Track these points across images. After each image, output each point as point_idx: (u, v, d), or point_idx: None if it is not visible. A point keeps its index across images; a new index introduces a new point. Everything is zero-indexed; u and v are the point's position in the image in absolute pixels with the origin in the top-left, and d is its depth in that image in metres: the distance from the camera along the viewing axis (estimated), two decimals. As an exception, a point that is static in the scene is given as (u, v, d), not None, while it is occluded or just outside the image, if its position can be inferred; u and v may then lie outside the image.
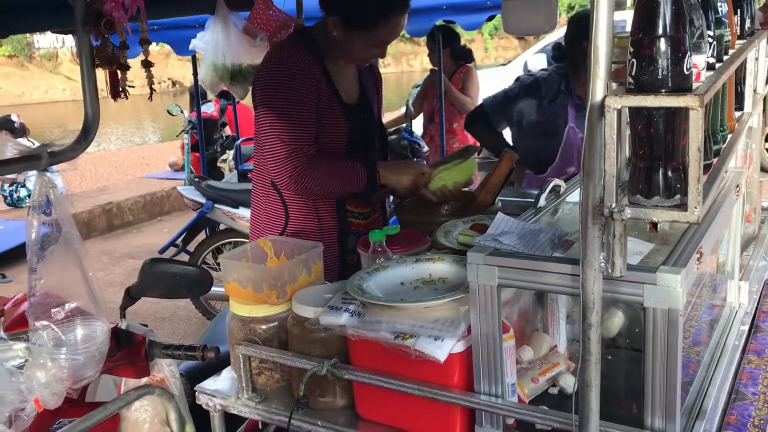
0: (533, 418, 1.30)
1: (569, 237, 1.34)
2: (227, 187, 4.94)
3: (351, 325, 1.44)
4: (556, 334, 1.57)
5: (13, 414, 1.52)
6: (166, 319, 5.05)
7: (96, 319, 1.58)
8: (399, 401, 1.46)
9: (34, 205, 1.49)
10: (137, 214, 8.17)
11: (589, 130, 1.02)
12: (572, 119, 2.99)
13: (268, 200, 2.28)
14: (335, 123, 2.19)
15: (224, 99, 7.58)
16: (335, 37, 2.14)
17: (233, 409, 1.67)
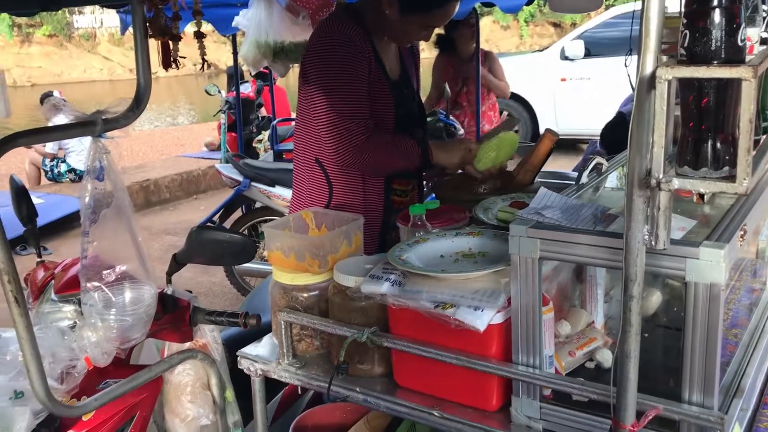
0: (570, 389, 1.32)
1: (612, 211, 1.35)
2: (264, 166, 5.00)
3: (391, 294, 1.47)
4: (593, 310, 1.58)
5: (64, 371, 1.58)
6: (201, 294, 5.13)
7: (144, 283, 1.63)
8: (436, 370, 1.49)
9: (88, 171, 1.53)
10: (174, 191, 8.30)
11: (638, 102, 1.03)
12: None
13: (312, 177, 2.30)
14: (383, 98, 2.21)
15: (261, 80, 7.64)
16: (387, 16, 2.15)
17: (274, 374, 1.71)
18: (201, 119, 15.73)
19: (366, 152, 2.12)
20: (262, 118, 7.94)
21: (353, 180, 2.25)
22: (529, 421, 1.39)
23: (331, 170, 2.25)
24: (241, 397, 1.94)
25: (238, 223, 5.04)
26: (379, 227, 2.29)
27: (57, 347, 1.58)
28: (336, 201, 2.27)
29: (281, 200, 4.71)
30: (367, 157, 2.13)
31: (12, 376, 1.56)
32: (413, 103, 2.42)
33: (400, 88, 2.31)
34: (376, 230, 2.28)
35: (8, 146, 1.30)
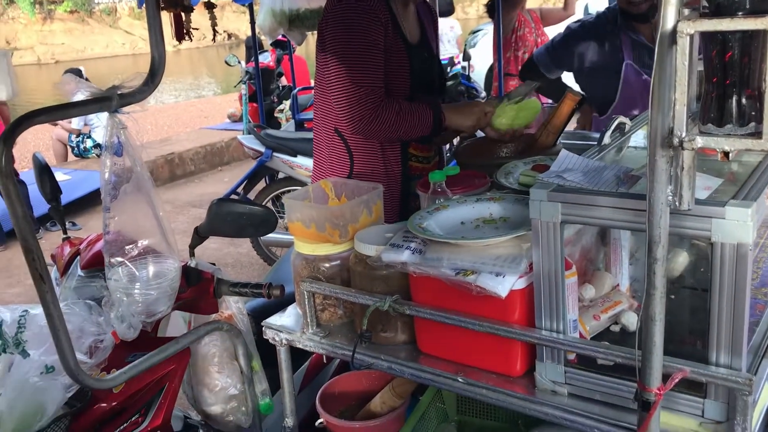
0: (595, 353, 1.31)
1: (635, 172, 1.32)
2: (286, 136, 4.99)
3: (412, 262, 1.46)
4: (618, 273, 1.56)
5: (93, 345, 1.61)
6: (228, 265, 5.19)
7: (167, 257, 1.64)
8: (459, 336, 1.48)
9: (106, 146, 1.54)
10: (198, 164, 8.35)
11: (659, 58, 0.99)
12: (629, 56, 2.93)
13: (332, 147, 2.29)
14: (400, 63, 2.18)
15: (280, 49, 7.60)
16: None
17: (299, 344, 1.72)
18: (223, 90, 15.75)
19: (377, 120, 2.10)
20: (282, 87, 7.92)
21: (372, 148, 2.23)
22: (553, 385, 1.39)
23: (351, 139, 2.23)
24: (268, 366, 1.96)
25: (262, 194, 5.07)
26: (399, 195, 2.28)
27: (84, 322, 1.60)
28: (357, 170, 2.26)
29: (303, 170, 4.71)
30: (377, 125, 2.11)
31: (42, 351, 1.58)
32: (433, 66, 2.38)
33: (420, 51, 2.28)
34: (396, 198, 2.27)
35: (25, 125, 1.30)
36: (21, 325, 1.58)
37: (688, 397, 1.25)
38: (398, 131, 2.16)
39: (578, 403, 1.36)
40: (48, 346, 1.59)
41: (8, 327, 1.57)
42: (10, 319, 1.59)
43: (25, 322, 1.59)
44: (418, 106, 2.17)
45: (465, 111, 2.25)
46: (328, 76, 2.15)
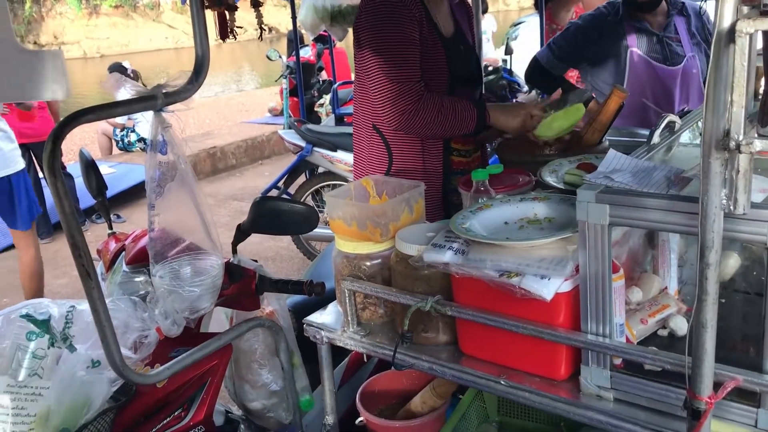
0: (643, 359, 1.28)
1: (686, 174, 1.28)
2: (326, 131, 5.01)
3: (455, 263, 1.44)
4: (666, 275, 1.52)
5: (137, 340, 1.63)
6: (269, 258, 5.23)
7: (210, 254, 1.65)
8: (502, 339, 1.46)
9: (151, 145, 1.55)
10: (239, 158, 8.44)
11: (714, 58, 0.96)
12: (633, 43, 2.90)
13: (371, 143, 2.28)
14: (437, 58, 2.16)
15: (321, 43, 7.63)
16: None
17: (339, 342, 1.72)
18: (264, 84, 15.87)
19: (417, 117, 2.08)
20: (322, 81, 7.94)
21: (411, 144, 2.22)
22: (599, 390, 1.36)
23: (389, 136, 2.22)
24: (309, 362, 1.97)
25: (302, 189, 5.09)
26: (440, 190, 2.26)
27: (129, 318, 1.62)
28: (396, 166, 2.25)
29: (343, 165, 4.72)
30: (418, 121, 2.09)
31: (89, 345, 1.61)
32: (470, 59, 2.36)
33: (455, 45, 2.25)
34: (438, 194, 2.25)
35: (73, 123, 1.32)
36: (68, 320, 1.61)
37: (740, 406, 1.21)
38: (440, 127, 2.13)
39: (624, 408, 1.33)
40: (94, 341, 1.62)
41: (56, 322, 1.60)
42: (58, 314, 1.62)
43: (72, 317, 1.62)
44: (462, 102, 2.15)
45: (511, 111, 2.21)
46: (366, 73, 2.15)
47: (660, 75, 2.96)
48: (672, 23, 2.97)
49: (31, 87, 1.20)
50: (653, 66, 2.94)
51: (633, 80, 2.96)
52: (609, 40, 2.98)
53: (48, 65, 1.19)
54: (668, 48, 2.96)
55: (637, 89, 2.94)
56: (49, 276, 5.39)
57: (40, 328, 1.58)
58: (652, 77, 2.96)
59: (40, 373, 1.57)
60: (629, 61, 2.93)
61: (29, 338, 1.57)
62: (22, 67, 1.16)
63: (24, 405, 1.53)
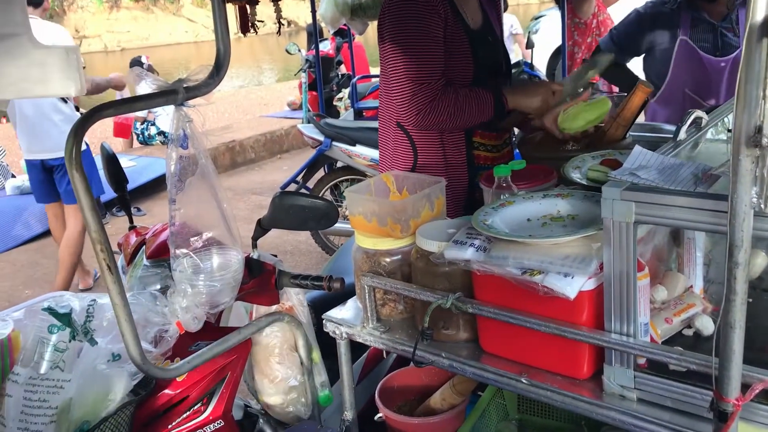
0: (668, 359, 1.26)
1: (714, 171, 1.26)
2: (345, 125, 5.00)
3: (476, 260, 1.43)
4: (692, 274, 1.49)
5: (158, 334, 1.64)
6: (287, 252, 5.24)
7: (231, 249, 1.65)
8: (524, 337, 1.44)
9: (172, 139, 1.55)
10: (258, 151, 8.46)
11: (746, 53, 0.94)
12: (685, 32, 2.84)
13: (396, 139, 2.27)
14: (462, 51, 2.14)
15: (340, 37, 7.61)
16: None
17: (359, 338, 1.71)
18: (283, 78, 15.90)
19: (433, 113, 2.07)
20: (341, 75, 7.93)
21: (434, 140, 2.20)
22: (622, 390, 1.34)
23: (413, 132, 2.21)
24: (328, 357, 1.97)
25: (321, 183, 5.09)
26: (465, 185, 2.24)
27: (150, 312, 1.62)
28: (421, 162, 2.23)
29: (362, 159, 4.71)
30: (434, 117, 2.08)
31: (109, 339, 1.62)
32: (498, 50, 2.33)
33: (483, 36, 2.23)
34: (463, 189, 2.23)
35: (94, 118, 1.32)
36: (89, 314, 1.62)
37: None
38: (457, 120, 2.12)
39: (648, 409, 1.31)
40: (115, 335, 1.62)
41: (77, 315, 1.61)
42: (79, 308, 1.63)
43: (93, 311, 1.63)
44: (478, 92, 2.12)
45: (530, 91, 2.18)
46: (388, 69, 2.13)
47: (706, 65, 2.90)
48: (734, 14, 2.89)
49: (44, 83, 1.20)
50: (700, 56, 2.89)
51: (678, 69, 2.92)
52: (663, 28, 2.94)
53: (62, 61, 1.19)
54: (721, 38, 2.90)
55: (681, 78, 2.90)
56: (70, 268, 5.43)
57: (61, 321, 1.59)
58: (696, 67, 2.91)
59: (62, 366, 1.57)
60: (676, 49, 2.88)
61: (51, 331, 1.58)
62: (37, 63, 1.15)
63: (46, 397, 1.55)
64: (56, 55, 1.13)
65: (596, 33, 4.97)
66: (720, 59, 2.89)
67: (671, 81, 3.00)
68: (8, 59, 1.10)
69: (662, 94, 3.03)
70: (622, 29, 3.13)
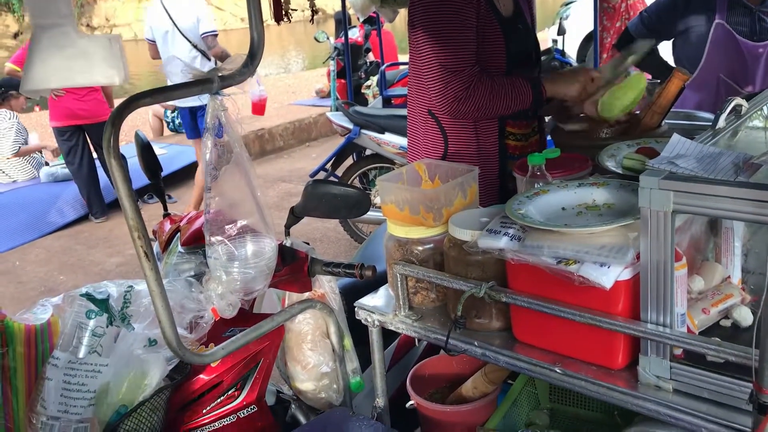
0: (705, 350, 1.24)
1: (755, 160, 1.23)
2: (373, 113, 4.99)
3: (510, 249, 1.42)
4: (729, 264, 1.47)
5: (193, 321, 1.66)
6: (317, 240, 5.27)
7: (264, 236, 1.67)
8: (558, 326, 1.44)
9: (207, 128, 1.56)
10: (287, 140, 8.49)
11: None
12: (722, 16, 2.77)
13: (426, 128, 2.26)
14: (494, 39, 2.12)
15: (368, 24, 7.59)
16: None
17: (391, 326, 1.72)
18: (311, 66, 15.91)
19: (469, 101, 2.05)
20: (370, 63, 7.91)
21: (466, 129, 2.19)
22: (657, 380, 1.33)
23: (444, 120, 2.19)
24: (359, 344, 1.98)
25: (350, 171, 5.09)
26: (496, 174, 2.23)
27: (185, 299, 1.64)
28: (452, 150, 2.22)
29: (391, 147, 4.70)
30: (470, 106, 2.06)
31: (146, 325, 1.64)
32: (529, 39, 2.31)
33: (514, 24, 2.21)
34: (494, 177, 2.22)
35: (132, 106, 1.33)
36: (126, 300, 1.65)
37: (809, 401, 1.17)
38: (493, 109, 2.10)
39: (684, 400, 1.30)
40: (151, 320, 1.65)
41: (115, 301, 1.64)
42: (117, 294, 1.65)
43: (131, 297, 1.65)
44: (515, 81, 2.11)
45: (568, 78, 2.16)
46: (420, 56, 2.12)
47: (743, 50, 2.83)
48: None
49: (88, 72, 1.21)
50: (736, 40, 2.82)
51: (713, 53, 2.85)
52: (698, 10, 2.87)
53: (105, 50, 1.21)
54: (760, 23, 2.82)
55: (716, 63, 2.84)
56: (102, 254, 5.55)
57: (99, 307, 1.61)
58: (733, 51, 2.84)
59: (99, 351, 1.60)
60: (712, 32, 2.81)
61: (89, 317, 1.61)
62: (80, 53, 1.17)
63: (84, 381, 1.58)
64: (99, 45, 1.15)
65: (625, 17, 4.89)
66: (758, 44, 2.82)
67: (705, 66, 2.94)
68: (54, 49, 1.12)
69: (695, 79, 2.97)
70: (654, 11, 3.06)
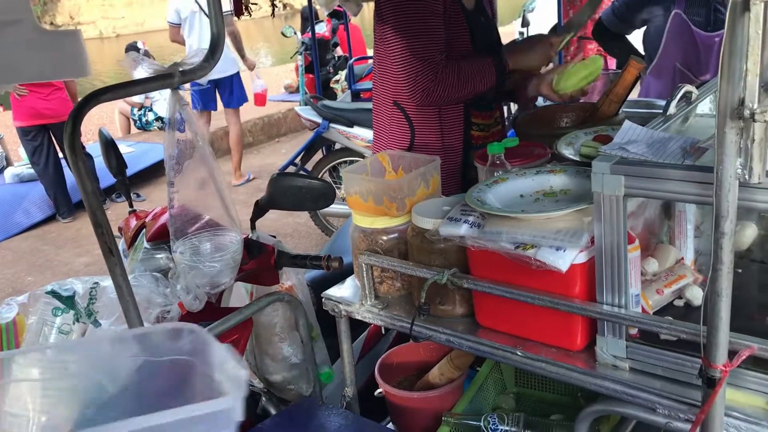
0: (658, 329, 1.29)
1: (702, 144, 1.28)
2: (342, 107, 5.00)
3: (470, 236, 1.46)
4: (683, 246, 1.52)
5: (160, 315, 1.66)
6: (287, 235, 5.27)
7: (229, 230, 1.68)
8: (518, 310, 1.48)
9: (169, 122, 1.57)
10: (256, 135, 8.45)
11: (729, 26, 0.96)
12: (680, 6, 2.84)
13: (392, 119, 2.27)
14: (460, 30, 2.15)
15: (336, 19, 7.59)
16: None
17: (357, 315, 1.74)
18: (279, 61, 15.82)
19: (438, 87, 2.07)
20: (338, 57, 7.91)
21: (432, 119, 2.21)
22: (614, 360, 1.37)
23: (411, 111, 2.21)
24: (328, 336, 2.00)
25: (319, 165, 5.10)
26: (460, 164, 2.26)
27: (152, 294, 1.65)
28: (418, 141, 2.25)
29: (360, 141, 4.72)
30: (440, 92, 2.08)
31: (113, 321, 1.65)
32: (491, 30, 2.35)
33: (477, 17, 2.24)
34: (457, 168, 2.25)
35: (92, 103, 1.34)
36: (92, 296, 1.65)
37: (755, 374, 1.22)
38: (463, 91, 2.12)
39: (640, 378, 1.34)
40: (118, 316, 1.65)
41: (80, 298, 1.64)
42: (82, 291, 1.65)
43: (96, 294, 1.65)
44: (477, 59, 2.14)
45: (528, 48, 2.22)
46: (387, 48, 2.14)
47: (697, 40, 2.90)
48: None
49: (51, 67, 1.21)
50: (692, 30, 2.89)
51: (670, 43, 2.92)
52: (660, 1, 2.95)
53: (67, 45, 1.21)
54: (714, 13, 2.90)
55: (673, 53, 2.90)
56: (71, 254, 5.49)
57: (65, 304, 1.61)
58: (688, 41, 2.91)
59: (67, 348, 1.60)
60: (670, 22, 2.89)
61: (55, 314, 1.61)
62: (42, 48, 1.17)
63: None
64: (61, 40, 1.15)
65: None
66: (712, 34, 2.89)
67: (663, 55, 3.01)
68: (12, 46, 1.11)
69: (654, 67, 3.05)
70: (622, 1, 3.13)
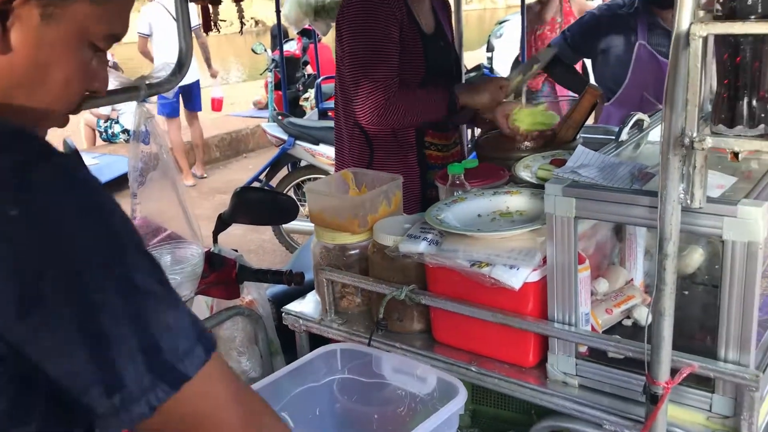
0: (605, 347, 1.33)
1: (649, 170, 1.34)
2: (308, 124, 5.04)
3: (429, 253, 1.49)
4: (633, 267, 1.58)
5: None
6: (251, 251, 5.25)
7: (190, 243, 1.69)
8: (474, 327, 1.51)
9: (134, 135, 1.58)
10: (223, 150, 8.42)
11: (673, 58, 1.01)
12: (643, 37, 2.94)
13: (352, 137, 2.31)
14: (415, 52, 2.20)
15: (306, 37, 7.63)
16: None
17: (317, 330, 1.76)
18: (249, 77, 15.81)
19: (387, 111, 2.12)
20: (308, 75, 7.95)
21: (388, 139, 2.26)
22: (565, 377, 1.41)
23: (370, 131, 2.26)
24: (288, 351, 2.01)
25: (284, 182, 5.11)
26: (418, 184, 2.31)
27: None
28: (377, 159, 2.29)
29: (325, 158, 4.76)
30: (389, 116, 2.13)
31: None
32: (449, 54, 2.41)
33: (435, 41, 2.30)
34: (416, 188, 2.30)
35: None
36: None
37: (696, 391, 1.27)
38: (412, 118, 2.19)
39: (588, 394, 1.39)
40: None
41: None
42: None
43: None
44: (431, 90, 2.20)
45: (478, 88, 2.27)
46: (345, 69, 2.19)
47: (663, 69, 2.99)
48: None
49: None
50: (658, 60, 2.98)
51: (637, 72, 3.00)
52: (619, 31, 3.00)
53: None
54: None
55: (641, 82, 2.98)
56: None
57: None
58: (655, 71, 2.99)
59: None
60: (635, 53, 2.97)
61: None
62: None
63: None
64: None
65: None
66: None
67: (630, 84, 3.08)
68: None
69: (619, 97, 3.12)
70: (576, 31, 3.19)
